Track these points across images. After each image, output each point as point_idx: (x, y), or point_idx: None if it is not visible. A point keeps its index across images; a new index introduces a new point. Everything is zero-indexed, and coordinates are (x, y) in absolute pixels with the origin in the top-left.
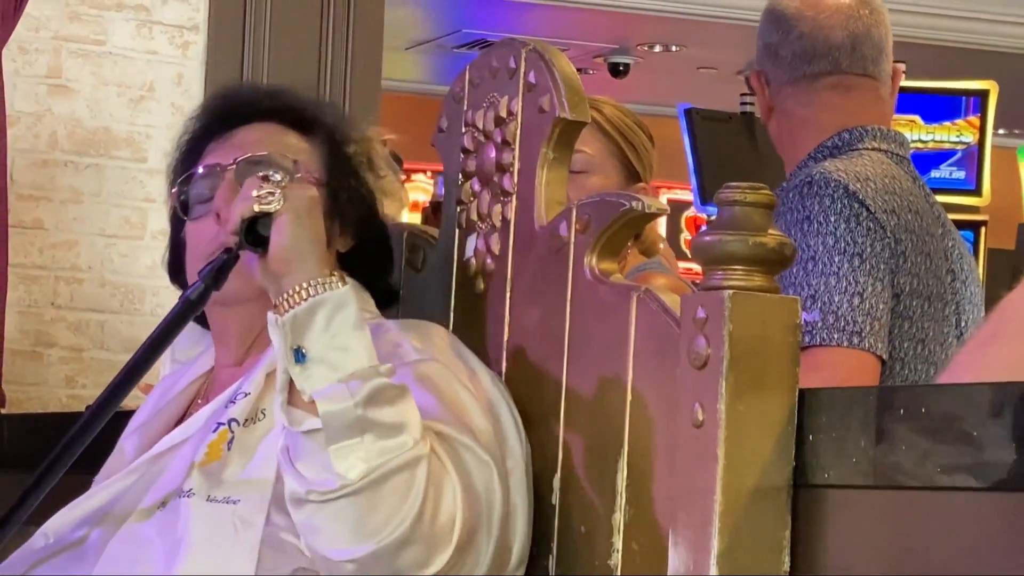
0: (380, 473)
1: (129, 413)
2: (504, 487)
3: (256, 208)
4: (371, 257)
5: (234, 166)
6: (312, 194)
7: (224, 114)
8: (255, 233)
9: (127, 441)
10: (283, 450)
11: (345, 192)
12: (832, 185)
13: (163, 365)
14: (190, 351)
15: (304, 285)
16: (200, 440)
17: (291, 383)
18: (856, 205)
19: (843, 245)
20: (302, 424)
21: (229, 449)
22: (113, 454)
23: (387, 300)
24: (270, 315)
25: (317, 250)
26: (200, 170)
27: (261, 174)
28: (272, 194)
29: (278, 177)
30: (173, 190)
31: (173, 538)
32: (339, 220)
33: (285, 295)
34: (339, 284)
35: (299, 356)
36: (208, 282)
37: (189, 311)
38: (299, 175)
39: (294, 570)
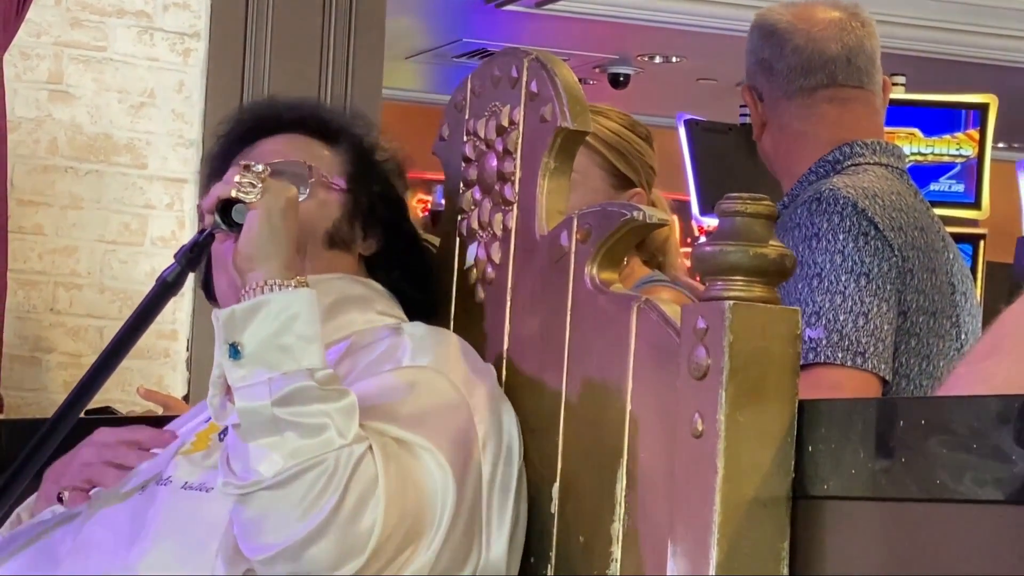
0: (296, 471)
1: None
2: (468, 491)
3: (233, 193)
4: (398, 262)
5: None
6: (290, 195)
7: (249, 127)
8: (230, 217)
9: None
10: (225, 442)
11: (369, 198)
12: (841, 202)
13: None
14: None
15: (261, 284)
16: (194, 431)
17: None
18: (865, 223)
19: (851, 264)
20: (226, 418)
21: (221, 439)
22: None
23: (421, 307)
24: (214, 309)
25: (282, 251)
26: None
27: (243, 163)
28: (253, 185)
29: (259, 168)
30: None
31: (141, 524)
32: (361, 224)
33: (243, 291)
34: (295, 287)
35: (234, 352)
36: (183, 263)
37: (166, 292)
38: (312, 180)
39: (246, 570)
